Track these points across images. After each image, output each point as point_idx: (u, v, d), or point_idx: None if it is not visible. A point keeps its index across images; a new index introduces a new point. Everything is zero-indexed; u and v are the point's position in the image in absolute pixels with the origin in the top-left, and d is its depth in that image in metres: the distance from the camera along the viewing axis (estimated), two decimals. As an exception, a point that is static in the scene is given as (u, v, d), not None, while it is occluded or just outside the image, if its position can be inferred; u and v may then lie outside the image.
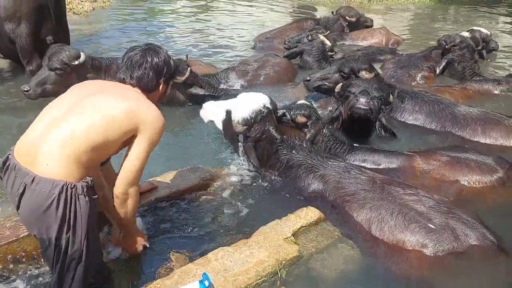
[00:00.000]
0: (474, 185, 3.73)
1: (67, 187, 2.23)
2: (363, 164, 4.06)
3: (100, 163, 2.56)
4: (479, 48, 6.82)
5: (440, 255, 2.89)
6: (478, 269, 2.89)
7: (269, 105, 3.86)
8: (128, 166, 2.48)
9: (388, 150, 4.22)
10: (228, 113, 3.81)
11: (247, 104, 3.81)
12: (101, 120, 2.34)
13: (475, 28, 7.55)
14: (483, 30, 7.62)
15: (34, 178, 2.22)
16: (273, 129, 3.84)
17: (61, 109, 2.39)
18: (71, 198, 2.24)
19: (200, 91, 5.41)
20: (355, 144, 4.28)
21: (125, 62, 2.62)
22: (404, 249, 2.96)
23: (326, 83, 5.33)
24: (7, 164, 2.35)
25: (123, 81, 2.63)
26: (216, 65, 7.11)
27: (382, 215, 3.11)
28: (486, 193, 3.68)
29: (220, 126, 3.95)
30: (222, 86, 5.97)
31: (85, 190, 2.28)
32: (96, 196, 2.39)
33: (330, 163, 3.69)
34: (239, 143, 3.90)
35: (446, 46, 6.81)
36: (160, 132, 2.51)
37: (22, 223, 2.67)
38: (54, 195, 2.21)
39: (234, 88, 6.06)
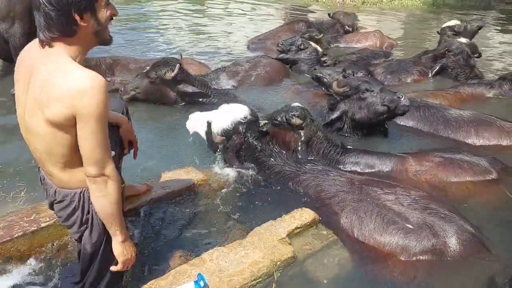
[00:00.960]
0: (467, 186, 3.76)
1: (83, 193, 2.29)
2: (356, 166, 4.10)
3: None
4: (476, 55, 6.84)
5: (421, 254, 2.94)
6: (460, 263, 2.93)
7: (249, 116, 3.89)
8: (87, 148, 2.09)
9: (381, 152, 4.25)
10: (209, 124, 3.91)
11: (226, 116, 3.88)
12: (44, 139, 2.15)
13: (444, 25, 7.73)
14: (451, 22, 7.73)
15: (56, 191, 2.32)
16: (252, 138, 3.87)
17: (22, 124, 2.27)
18: (89, 200, 2.27)
19: (189, 88, 5.40)
20: (348, 146, 4.32)
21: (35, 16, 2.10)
22: (386, 252, 2.99)
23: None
24: (40, 174, 2.46)
25: (41, 43, 2.11)
26: (209, 66, 7.11)
27: (361, 218, 3.15)
28: (479, 194, 3.72)
29: (204, 137, 4.03)
30: (213, 86, 5.97)
31: None
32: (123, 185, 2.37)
33: (308, 167, 3.73)
34: (219, 154, 3.95)
35: (441, 51, 6.83)
36: (97, 99, 1.99)
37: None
38: (74, 203, 2.30)
39: (225, 88, 6.09)
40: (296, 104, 4.28)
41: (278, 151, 3.90)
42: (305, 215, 3.20)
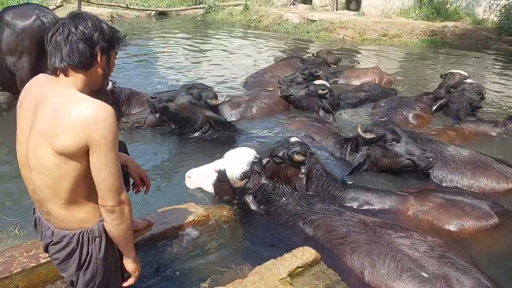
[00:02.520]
0: (468, 229, 3.73)
1: (82, 234, 2.27)
2: (354, 203, 4.08)
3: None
4: (480, 96, 6.89)
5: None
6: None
7: (257, 156, 3.89)
8: (104, 177, 2.13)
9: (381, 189, 4.23)
10: (222, 172, 3.82)
11: (239, 159, 3.82)
12: (50, 174, 2.14)
13: (454, 70, 7.63)
14: (462, 72, 7.76)
15: (53, 232, 2.29)
16: (264, 178, 3.86)
17: (24, 163, 2.28)
18: (88, 242, 2.28)
19: (223, 118, 5.52)
20: (348, 182, 4.30)
21: (50, 43, 2.18)
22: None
23: None
24: (35, 216, 2.42)
25: (53, 70, 2.19)
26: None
27: (374, 261, 3.06)
28: (481, 238, 3.68)
29: (210, 189, 3.97)
30: None
31: (101, 230, 2.29)
32: None
33: (319, 207, 3.68)
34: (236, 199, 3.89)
35: (444, 86, 6.88)
36: (109, 129, 2.07)
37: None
38: (72, 245, 2.28)
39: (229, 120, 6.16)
40: (295, 139, 4.28)
41: (290, 191, 3.87)
42: (306, 254, 3.15)
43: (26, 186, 2.34)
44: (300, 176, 4.14)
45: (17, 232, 3.53)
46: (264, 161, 4.05)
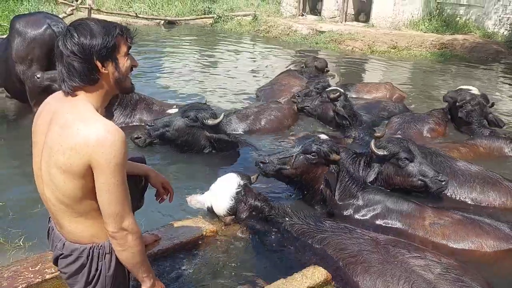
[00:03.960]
0: (487, 249, 3.63)
1: (93, 249, 2.22)
2: (372, 204, 4.04)
3: None
4: (489, 104, 6.82)
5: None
6: None
7: (241, 181, 3.76)
8: (105, 202, 2.08)
9: (399, 195, 4.18)
10: (210, 209, 3.76)
11: (222, 194, 3.70)
12: (60, 188, 2.11)
13: (463, 87, 7.43)
14: (473, 89, 7.66)
15: (64, 244, 2.24)
16: (257, 201, 3.74)
17: (38, 175, 2.25)
18: (98, 258, 2.22)
19: (225, 137, 5.34)
20: (368, 184, 4.30)
21: (57, 65, 2.13)
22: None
23: None
24: (49, 225, 2.39)
25: (64, 92, 2.14)
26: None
27: (387, 282, 2.97)
28: (500, 260, 3.57)
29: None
30: (226, 130, 5.99)
31: (112, 247, 2.23)
32: None
33: (328, 225, 3.59)
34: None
35: (458, 103, 6.75)
36: (114, 154, 2.00)
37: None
38: (82, 259, 2.22)
39: (236, 132, 6.14)
40: (325, 136, 4.19)
41: (293, 211, 3.77)
42: (317, 273, 3.08)
43: (40, 196, 2.31)
44: (330, 174, 4.06)
45: (21, 244, 3.48)
46: (253, 177, 3.94)
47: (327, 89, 6.90)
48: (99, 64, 2.09)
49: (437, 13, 16.94)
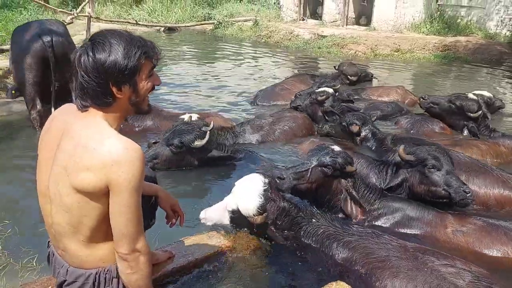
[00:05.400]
0: (512, 258, 3.47)
1: (99, 274, 2.08)
2: (392, 213, 3.93)
3: None
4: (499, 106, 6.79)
5: None
6: None
7: (266, 180, 3.53)
8: (120, 223, 1.97)
9: (419, 203, 4.06)
10: (237, 212, 3.46)
11: (249, 193, 3.41)
12: (70, 210, 1.98)
13: (476, 92, 7.39)
14: (486, 93, 7.54)
15: (67, 270, 2.10)
16: (284, 201, 3.58)
17: (44, 194, 2.11)
18: (105, 283, 2.09)
19: (216, 153, 5.15)
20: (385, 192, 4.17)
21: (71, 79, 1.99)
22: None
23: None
24: (49, 250, 2.25)
25: (77, 107, 2.00)
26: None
27: None
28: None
29: (230, 223, 3.63)
30: (239, 140, 5.95)
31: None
32: None
33: (355, 229, 3.47)
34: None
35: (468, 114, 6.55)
36: (133, 173, 1.89)
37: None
38: (88, 285, 2.09)
39: (249, 143, 6.02)
40: (338, 148, 4.07)
41: (320, 212, 3.64)
42: (340, 290, 2.94)
43: (43, 217, 2.16)
44: (347, 186, 3.93)
45: (34, 264, 3.32)
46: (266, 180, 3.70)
47: (316, 90, 6.99)
48: (114, 89, 1.93)
49: (438, 15, 16.84)
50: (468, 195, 3.97)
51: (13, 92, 6.14)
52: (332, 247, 3.36)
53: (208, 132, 4.98)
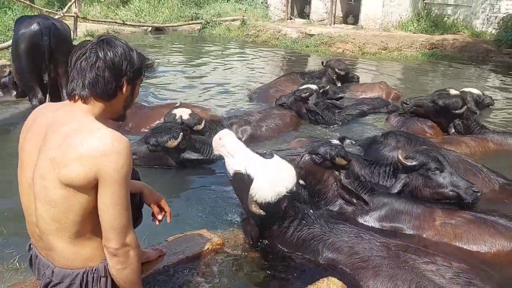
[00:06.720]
0: (501, 250, 3.51)
1: (87, 274, 2.05)
2: (382, 207, 3.94)
3: None
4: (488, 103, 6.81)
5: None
6: None
7: (295, 187, 3.22)
8: (110, 216, 1.96)
9: (408, 197, 4.08)
10: (246, 180, 3.10)
11: (273, 182, 3.07)
12: (56, 205, 1.96)
13: (465, 89, 7.49)
14: (475, 91, 7.59)
15: (53, 271, 2.06)
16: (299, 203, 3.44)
17: (28, 192, 2.09)
18: (93, 283, 2.06)
19: (193, 155, 5.13)
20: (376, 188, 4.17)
21: (74, 67, 2.02)
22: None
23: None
24: (31, 253, 2.22)
25: (72, 95, 2.03)
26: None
27: (398, 286, 2.90)
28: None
29: (229, 171, 3.29)
30: None
31: (108, 270, 2.09)
32: None
33: (340, 228, 3.45)
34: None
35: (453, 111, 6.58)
36: (122, 163, 1.92)
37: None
38: (75, 286, 2.06)
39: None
40: (336, 141, 4.05)
41: (307, 208, 3.55)
42: (332, 286, 2.92)
43: (25, 216, 2.14)
44: (339, 178, 3.96)
45: (17, 265, 3.27)
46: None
47: (300, 88, 7.15)
48: (125, 84, 2.09)
49: (425, 13, 16.99)
50: (478, 194, 3.98)
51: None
52: (318, 247, 3.33)
53: (181, 134, 4.99)
